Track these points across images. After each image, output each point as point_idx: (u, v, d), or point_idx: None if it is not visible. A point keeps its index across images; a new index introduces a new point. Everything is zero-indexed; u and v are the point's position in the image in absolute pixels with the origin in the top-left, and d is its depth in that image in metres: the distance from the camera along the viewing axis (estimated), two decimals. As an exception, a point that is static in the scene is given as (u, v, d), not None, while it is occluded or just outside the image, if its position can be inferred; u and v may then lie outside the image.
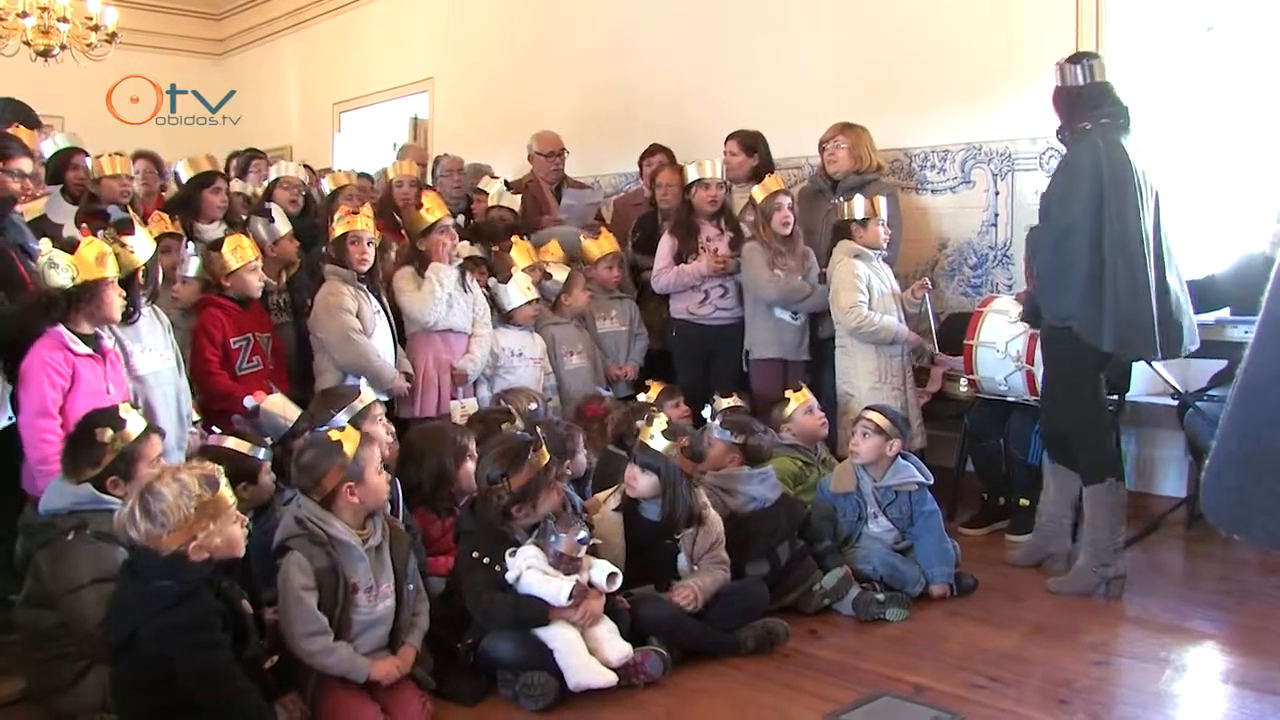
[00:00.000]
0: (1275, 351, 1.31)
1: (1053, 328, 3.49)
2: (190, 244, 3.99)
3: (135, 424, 2.67)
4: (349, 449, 2.58)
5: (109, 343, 3.12)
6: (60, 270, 2.93)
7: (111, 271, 3.03)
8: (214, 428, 3.05)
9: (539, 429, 3.13)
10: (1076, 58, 3.51)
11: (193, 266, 3.86)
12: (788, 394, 4.10)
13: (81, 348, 2.99)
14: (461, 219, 5.46)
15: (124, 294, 3.08)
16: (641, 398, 4.17)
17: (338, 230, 3.94)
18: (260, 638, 2.39)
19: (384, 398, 3.77)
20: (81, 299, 2.97)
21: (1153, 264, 3.33)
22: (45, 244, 3.04)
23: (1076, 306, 3.34)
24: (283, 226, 4.32)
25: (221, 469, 2.32)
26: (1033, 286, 3.69)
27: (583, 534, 2.79)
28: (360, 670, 2.47)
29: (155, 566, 2.16)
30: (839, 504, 3.63)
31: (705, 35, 5.96)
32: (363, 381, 3.38)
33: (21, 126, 4.25)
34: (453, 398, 4.13)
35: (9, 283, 3.15)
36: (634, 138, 5.86)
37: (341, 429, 2.71)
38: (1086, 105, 3.43)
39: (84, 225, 3.62)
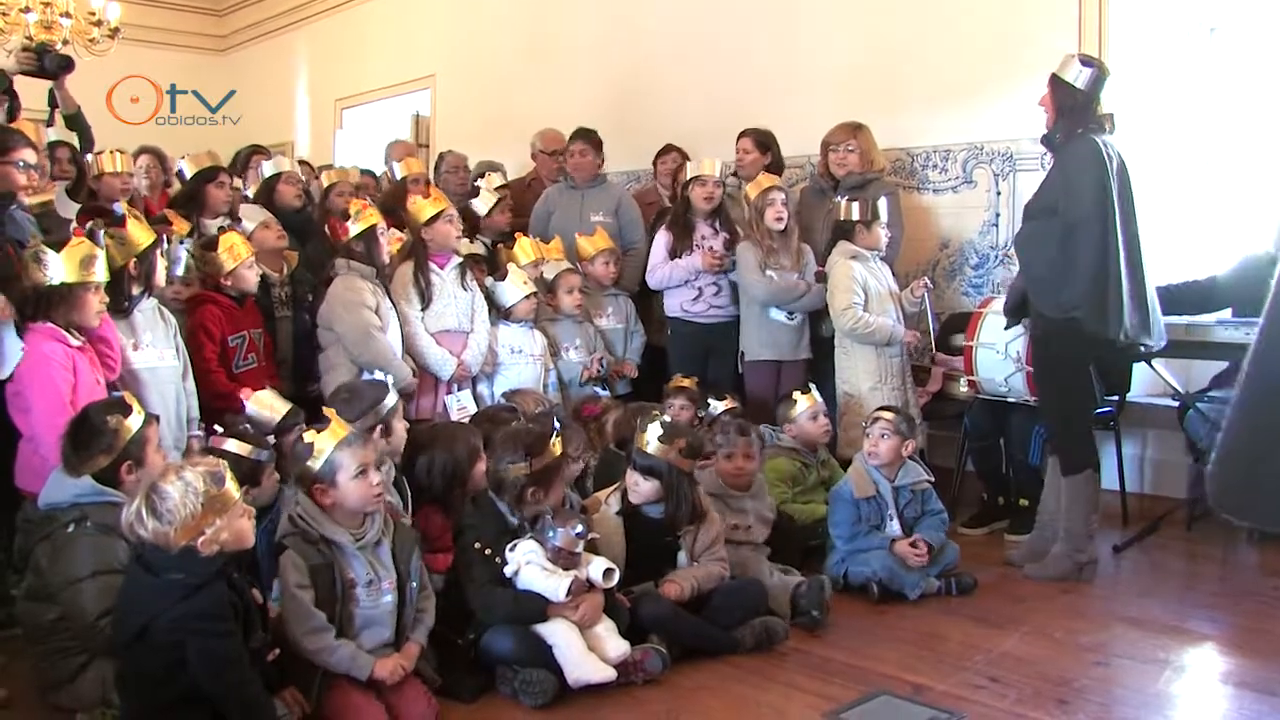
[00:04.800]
0: None
1: (1052, 320, 3.55)
2: (184, 241, 3.89)
3: (137, 409, 2.68)
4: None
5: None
6: (44, 267, 2.92)
7: (97, 277, 3.00)
8: (216, 428, 3.03)
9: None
10: (1090, 61, 3.54)
11: (182, 264, 3.75)
12: (795, 394, 4.05)
13: (75, 340, 2.97)
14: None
15: (105, 299, 3.06)
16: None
17: (359, 225, 3.90)
18: (263, 631, 2.39)
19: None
20: (59, 301, 2.94)
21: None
22: (35, 238, 3.02)
23: (1081, 298, 3.43)
24: (250, 222, 4.27)
25: (226, 464, 2.32)
26: (1021, 282, 3.76)
27: (579, 529, 2.79)
28: (363, 668, 2.47)
29: (167, 561, 2.17)
30: (862, 508, 3.58)
31: (708, 33, 5.96)
32: (389, 379, 3.34)
33: (26, 121, 4.24)
34: (448, 392, 4.12)
35: (6, 278, 3.14)
36: (637, 136, 5.87)
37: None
38: (1086, 110, 3.51)
39: (78, 225, 3.60)
